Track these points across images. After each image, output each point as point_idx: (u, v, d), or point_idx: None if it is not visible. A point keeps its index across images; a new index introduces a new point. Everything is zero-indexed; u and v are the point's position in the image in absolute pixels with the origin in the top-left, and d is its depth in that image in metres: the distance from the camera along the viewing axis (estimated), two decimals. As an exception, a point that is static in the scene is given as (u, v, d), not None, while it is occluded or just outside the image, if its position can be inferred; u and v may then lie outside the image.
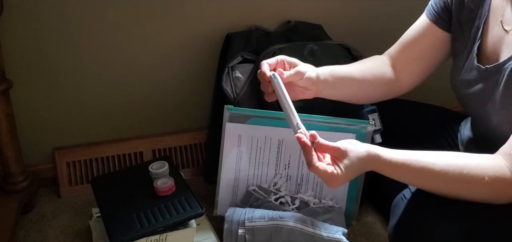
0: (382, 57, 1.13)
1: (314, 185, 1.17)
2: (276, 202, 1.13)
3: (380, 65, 1.10)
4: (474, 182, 0.82)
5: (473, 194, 0.83)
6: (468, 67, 0.97)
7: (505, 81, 0.87)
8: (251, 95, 1.21)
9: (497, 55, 0.91)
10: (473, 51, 0.95)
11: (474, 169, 0.82)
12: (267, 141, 1.14)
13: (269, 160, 1.15)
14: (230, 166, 1.15)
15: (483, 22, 0.94)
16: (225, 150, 1.13)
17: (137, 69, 1.34)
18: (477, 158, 0.85)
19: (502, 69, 0.88)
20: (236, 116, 1.11)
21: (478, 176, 0.82)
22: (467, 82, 0.97)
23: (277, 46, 1.23)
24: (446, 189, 0.84)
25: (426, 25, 1.06)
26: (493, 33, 0.93)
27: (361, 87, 1.07)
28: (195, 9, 1.31)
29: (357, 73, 1.07)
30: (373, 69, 1.09)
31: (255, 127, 1.12)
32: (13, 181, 1.22)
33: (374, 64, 1.11)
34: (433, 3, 1.05)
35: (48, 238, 1.17)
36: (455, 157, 0.85)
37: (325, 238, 1.04)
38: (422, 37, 1.06)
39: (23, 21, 1.21)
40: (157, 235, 1.00)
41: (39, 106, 1.30)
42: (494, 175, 0.81)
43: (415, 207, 0.88)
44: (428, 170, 0.84)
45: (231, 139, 1.13)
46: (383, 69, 1.09)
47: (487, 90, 0.92)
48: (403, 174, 0.86)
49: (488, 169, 0.82)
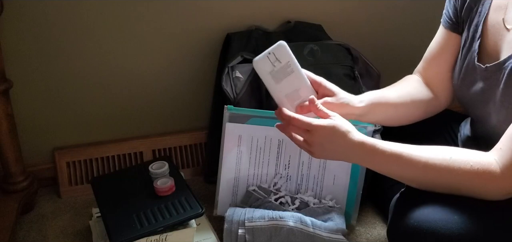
0: (415, 77, 1.12)
1: (314, 185, 1.17)
2: (276, 202, 1.13)
3: (416, 88, 1.08)
4: (459, 168, 0.82)
5: (461, 184, 0.83)
6: (469, 66, 0.97)
7: (505, 80, 0.87)
8: (251, 95, 1.21)
9: (498, 54, 0.91)
10: (473, 50, 0.95)
11: (460, 155, 0.84)
12: (267, 141, 1.14)
13: (269, 160, 1.15)
14: (230, 166, 1.15)
15: (482, 21, 0.94)
16: (225, 150, 1.14)
17: (137, 69, 1.34)
18: (465, 150, 0.86)
19: (503, 67, 0.88)
20: (236, 117, 1.12)
21: (463, 161, 0.82)
22: (468, 82, 0.97)
23: None
24: (432, 177, 0.85)
25: (446, 36, 1.05)
26: (493, 32, 0.92)
27: (398, 111, 1.06)
28: (195, 9, 1.31)
29: (394, 98, 1.05)
30: (411, 92, 1.07)
31: (255, 127, 1.12)
32: (13, 181, 1.22)
33: (411, 87, 1.09)
34: (446, 12, 1.05)
35: (48, 238, 1.17)
36: (444, 148, 0.87)
37: (325, 238, 1.04)
38: (446, 49, 1.05)
39: (23, 21, 1.21)
40: (157, 235, 1.00)
41: (39, 106, 1.30)
42: (480, 164, 0.82)
43: (414, 206, 0.88)
44: (412, 158, 0.85)
45: (231, 139, 1.13)
46: (420, 90, 1.08)
47: (487, 90, 0.92)
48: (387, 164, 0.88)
49: (475, 157, 0.83)
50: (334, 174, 1.16)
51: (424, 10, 1.49)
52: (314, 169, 1.16)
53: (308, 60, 1.22)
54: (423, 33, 1.25)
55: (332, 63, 1.16)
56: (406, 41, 1.52)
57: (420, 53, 1.15)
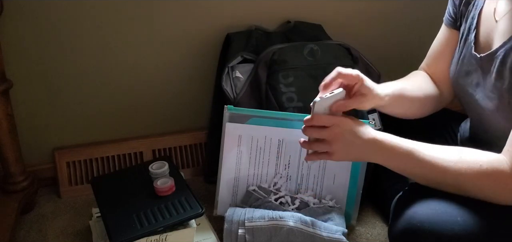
0: (422, 72, 1.13)
1: (314, 185, 1.17)
2: (276, 202, 1.13)
3: (427, 83, 1.10)
4: (469, 168, 0.83)
5: (470, 184, 0.83)
6: (466, 56, 0.99)
7: (496, 69, 0.89)
8: (251, 95, 1.21)
9: (490, 45, 0.94)
10: (470, 41, 0.97)
11: (470, 155, 0.84)
12: (267, 141, 1.14)
13: (269, 160, 1.15)
14: (230, 165, 1.15)
15: (478, 13, 0.97)
16: (225, 150, 1.14)
17: (137, 69, 1.34)
18: (475, 150, 0.86)
19: (494, 57, 0.90)
20: (236, 117, 1.12)
21: (473, 161, 0.83)
22: (464, 72, 0.99)
23: (276, 46, 1.23)
24: (441, 176, 0.85)
25: (447, 33, 1.07)
26: (487, 23, 0.95)
27: (413, 104, 1.07)
28: (195, 9, 1.31)
29: (411, 91, 1.06)
30: (424, 87, 1.09)
31: (255, 127, 1.12)
32: (13, 181, 1.22)
33: (423, 82, 1.10)
34: (447, 10, 1.07)
35: (48, 238, 1.17)
36: (454, 148, 0.88)
37: (325, 238, 1.04)
38: (448, 46, 1.07)
39: (23, 21, 1.21)
40: (157, 235, 1.00)
41: (39, 106, 1.30)
42: (491, 165, 0.82)
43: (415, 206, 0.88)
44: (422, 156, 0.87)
45: (231, 139, 1.13)
46: (430, 85, 1.10)
47: (481, 79, 0.94)
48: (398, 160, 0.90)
49: (485, 157, 0.83)
50: (334, 174, 1.16)
51: (424, 10, 1.49)
52: (314, 169, 1.16)
53: (308, 60, 1.22)
54: (423, 33, 1.25)
55: (332, 63, 1.16)
56: (406, 41, 1.52)
57: (420, 53, 1.16)
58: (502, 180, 0.81)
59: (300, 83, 1.19)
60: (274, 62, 1.21)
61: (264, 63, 1.21)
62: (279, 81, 1.19)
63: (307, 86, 1.18)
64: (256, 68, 1.22)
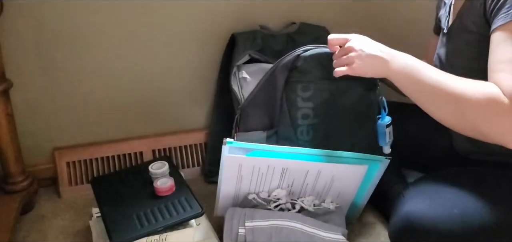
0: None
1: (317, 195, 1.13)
2: (276, 209, 1.11)
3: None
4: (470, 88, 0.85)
5: (470, 107, 0.84)
6: (441, 33, 1.10)
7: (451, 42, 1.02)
8: (262, 102, 1.13)
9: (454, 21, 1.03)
10: (446, 21, 1.07)
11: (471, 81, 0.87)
12: (270, 169, 1.06)
13: (271, 183, 1.09)
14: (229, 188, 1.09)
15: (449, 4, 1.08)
16: (224, 181, 1.07)
17: (137, 69, 1.34)
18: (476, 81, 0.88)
19: (451, 32, 1.03)
20: (236, 150, 1.03)
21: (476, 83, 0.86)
22: (438, 47, 1.11)
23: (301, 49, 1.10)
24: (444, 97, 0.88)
25: (433, 40, 1.14)
26: (456, 4, 1.05)
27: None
28: (199, 9, 1.31)
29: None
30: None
31: (257, 158, 1.04)
32: (13, 181, 1.22)
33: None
34: (434, 21, 1.19)
35: (48, 238, 1.17)
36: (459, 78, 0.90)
37: (325, 238, 1.04)
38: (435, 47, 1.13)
39: (23, 21, 1.21)
40: (157, 235, 1.00)
41: (39, 106, 1.30)
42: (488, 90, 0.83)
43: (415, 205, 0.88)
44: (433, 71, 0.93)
45: (230, 170, 1.05)
46: None
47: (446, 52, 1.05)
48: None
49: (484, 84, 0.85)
50: (338, 192, 1.12)
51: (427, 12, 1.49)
52: (319, 187, 1.10)
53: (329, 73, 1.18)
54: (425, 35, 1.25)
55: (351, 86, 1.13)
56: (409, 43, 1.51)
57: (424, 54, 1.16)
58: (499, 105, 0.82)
59: (318, 100, 1.09)
60: (295, 68, 1.09)
61: (284, 67, 1.09)
62: (297, 93, 1.09)
63: (325, 102, 1.09)
64: (269, 76, 1.11)
